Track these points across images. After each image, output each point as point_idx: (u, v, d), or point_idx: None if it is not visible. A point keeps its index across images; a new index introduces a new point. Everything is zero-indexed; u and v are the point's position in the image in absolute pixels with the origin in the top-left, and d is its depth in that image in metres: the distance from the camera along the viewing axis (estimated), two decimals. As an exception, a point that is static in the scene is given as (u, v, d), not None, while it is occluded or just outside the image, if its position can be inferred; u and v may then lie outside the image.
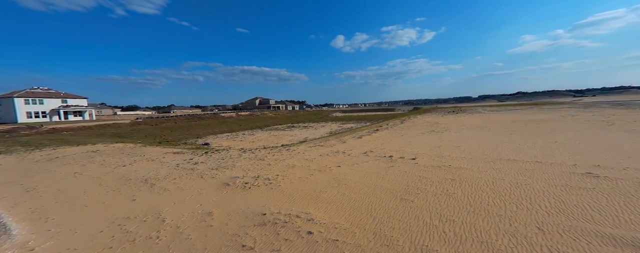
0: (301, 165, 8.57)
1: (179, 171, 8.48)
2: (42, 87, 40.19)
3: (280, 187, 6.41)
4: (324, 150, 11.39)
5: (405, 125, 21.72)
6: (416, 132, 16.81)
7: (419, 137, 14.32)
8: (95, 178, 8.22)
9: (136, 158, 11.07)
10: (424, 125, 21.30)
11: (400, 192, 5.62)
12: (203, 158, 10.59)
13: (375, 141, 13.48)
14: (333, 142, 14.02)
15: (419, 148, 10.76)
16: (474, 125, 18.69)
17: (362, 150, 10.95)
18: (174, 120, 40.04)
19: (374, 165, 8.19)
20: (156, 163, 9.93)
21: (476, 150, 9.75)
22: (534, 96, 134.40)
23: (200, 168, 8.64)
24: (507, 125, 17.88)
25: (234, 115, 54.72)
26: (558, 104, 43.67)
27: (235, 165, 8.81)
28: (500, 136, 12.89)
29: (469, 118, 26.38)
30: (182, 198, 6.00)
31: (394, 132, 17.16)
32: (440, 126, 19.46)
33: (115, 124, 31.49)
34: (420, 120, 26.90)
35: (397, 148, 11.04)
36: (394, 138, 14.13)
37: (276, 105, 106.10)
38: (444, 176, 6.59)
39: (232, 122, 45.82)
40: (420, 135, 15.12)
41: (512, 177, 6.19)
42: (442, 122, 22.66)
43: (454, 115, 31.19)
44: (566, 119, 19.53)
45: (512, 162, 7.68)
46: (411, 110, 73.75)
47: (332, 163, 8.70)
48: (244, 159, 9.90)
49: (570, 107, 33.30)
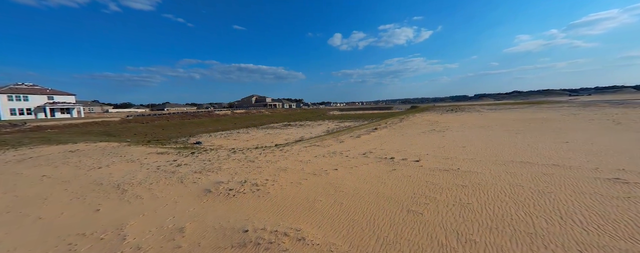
0: (294, 167, 7.79)
1: (158, 174, 7.63)
2: (27, 83, 38.54)
3: (269, 194, 5.63)
4: (319, 150, 10.62)
5: (404, 124, 21.04)
6: (417, 131, 16.12)
7: (420, 136, 13.62)
8: (64, 182, 7.34)
9: (115, 159, 10.18)
10: (424, 123, 20.64)
11: (406, 202, 4.87)
12: (188, 159, 9.74)
13: (375, 141, 12.75)
14: (330, 141, 13.26)
15: (422, 148, 10.04)
16: (475, 124, 18.07)
17: (361, 150, 10.20)
18: (166, 118, 38.89)
19: (374, 168, 7.44)
20: (136, 165, 9.06)
21: (483, 151, 9.06)
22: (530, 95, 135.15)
23: (183, 172, 7.80)
24: (510, 124, 17.29)
25: (229, 113, 53.65)
26: (556, 103, 43.45)
27: (221, 168, 7.99)
28: (505, 136, 12.25)
29: (468, 117, 25.81)
30: (154, 208, 5.18)
31: (394, 131, 16.45)
32: (441, 125, 18.81)
33: (104, 122, 30.34)
34: (420, 118, 26.26)
35: (398, 148, 10.31)
36: (394, 138, 13.41)
37: (273, 103, 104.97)
38: (454, 181, 5.86)
39: (227, 120, 44.80)
40: (421, 134, 14.42)
41: (532, 183, 5.49)
42: (442, 121, 22.03)
43: (452, 114, 30.63)
44: (568, 118, 19.02)
45: (526, 165, 6.99)
46: (409, 109, 73.31)
47: (329, 165, 7.93)
48: (233, 161, 9.08)
49: (569, 106, 32.97)
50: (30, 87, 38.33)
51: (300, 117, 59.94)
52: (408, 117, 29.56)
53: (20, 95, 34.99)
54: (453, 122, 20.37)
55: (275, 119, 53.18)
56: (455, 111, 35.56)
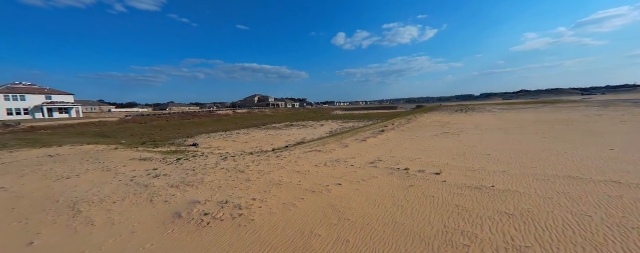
0: (290, 181, 6.51)
1: (128, 189, 6.43)
2: (24, 82, 37.95)
3: (253, 222, 4.37)
4: (321, 157, 9.33)
5: (413, 125, 19.63)
6: (428, 133, 14.72)
7: (433, 140, 12.23)
8: (17, 197, 6.19)
9: (90, 167, 9.03)
10: (434, 125, 19.20)
11: (435, 240, 3.56)
12: (170, 168, 8.53)
13: (383, 145, 11.41)
14: (333, 145, 11.96)
15: (439, 156, 8.68)
16: (491, 126, 16.59)
17: (368, 157, 8.89)
18: (166, 118, 38.01)
19: (385, 182, 6.12)
20: (109, 175, 7.88)
21: (513, 160, 7.67)
22: (539, 94, 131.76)
23: (157, 185, 6.59)
24: (530, 126, 15.77)
25: (231, 112, 52.68)
26: (571, 102, 41.44)
27: (203, 181, 6.76)
28: (532, 140, 10.80)
29: (480, 117, 24.26)
30: (101, 241, 3.95)
31: (403, 134, 15.07)
32: (453, 126, 17.36)
33: (100, 122, 29.50)
34: (428, 119, 24.79)
35: (411, 155, 8.96)
36: (403, 142, 12.05)
37: (275, 103, 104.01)
38: (494, 206, 4.52)
39: (227, 120, 43.80)
40: (433, 137, 13.03)
41: (602, 212, 4.12)
42: (453, 122, 20.55)
43: (463, 114, 29.06)
44: (594, 119, 17.40)
45: (577, 181, 5.60)
46: (414, 109, 71.54)
47: (330, 178, 6.64)
48: (220, 171, 7.84)
49: (588, 106, 31.08)
50: (28, 86, 37.74)
51: (303, 116, 58.75)
52: (415, 117, 28.08)
53: (17, 95, 34.31)
54: (466, 124, 18.89)
55: (278, 118, 52.08)
56: (464, 111, 33.94)
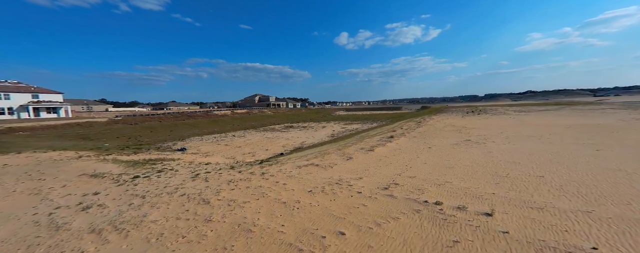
0: (268, 225, 4.38)
1: (26, 231, 4.36)
2: (10, 80, 36.23)
3: None
4: (318, 175, 7.21)
5: (425, 130, 17.41)
6: (445, 141, 12.52)
7: (456, 151, 10.04)
8: None
9: (20, 188, 6.99)
10: (449, 130, 16.97)
11: None
12: (117, 191, 6.45)
13: (395, 158, 9.25)
14: (333, 157, 9.82)
15: (475, 177, 6.50)
16: (519, 133, 14.32)
17: (379, 178, 6.75)
18: (159, 119, 36.14)
19: (413, 232, 3.98)
20: (28, 204, 5.82)
21: (585, 188, 5.47)
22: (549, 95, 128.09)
23: (74, 228, 4.50)
24: (565, 133, 13.49)
25: (229, 113, 50.71)
26: (590, 105, 38.85)
27: (143, 222, 4.65)
28: (583, 154, 8.56)
29: (499, 121, 21.95)
30: None
31: (416, 141, 12.87)
32: (473, 132, 15.12)
33: (87, 123, 27.65)
34: (440, 122, 22.53)
35: (436, 175, 6.80)
36: (420, 153, 9.87)
37: (276, 103, 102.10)
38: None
39: (224, 121, 41.87)
40: (455, 147, 10.83)
41: None
42: (470, 126, 18.30)
43: (476, 117, 26.75)
44: (636, 125, 15.06)
45: None
46: (419, 110, 69.11)
47: (329, 218, 4.51)
48: (178, 199, 5.74)
49: (614, 109, 28.56)
50: (14, 84, 35.89)
51: (304, 117, 56.72)
52: (425, 119, 25.82)
53: (1, 94, 32.57)
54: (486, 129, 16.63)
55: (278, 119, 50.11)
56: (477, 113, 31.61)
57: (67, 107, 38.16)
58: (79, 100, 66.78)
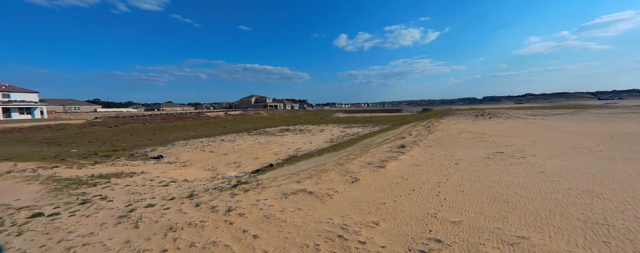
0: None
1: None
2: (-21, 78, 33.54)
3: None
4: (309, 215, 4.76)
5: (437, 137, 15.01)
6: (471, 153, 10.11)
7: (492, 168, 7.61)
8: None
9: None
10: (467, 137, 14.59)
11: None
12: None
13: (416, 180, 6.80)
14: (333, 176, 7.36)
15: (555, 227, 4.08)
16: (554, 142, 11.96)
17: (406, 226, 4.31)
18: (143, 121, 33.48)
19: None
20: None
21: None
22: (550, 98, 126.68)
23: None
24: (614, 143, 11.16)
25: (222, 114, 48.11)
26: (605, 108, 36.74)
27: None
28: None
29: (518, 126, 19.64)
30: None
31: (434, 153, 10.43)
32: (496, 140, 12.73)
33: (60, 126, 24.97)
34: (451, 127, 20.16)
35: (491, 222, 4.37)
36: (448, 173, 7.43)
37: (273, 104, 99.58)
38: None
39: (216, 124, 39.29)
40: (487, 162, 8.41)
41: None
42: (490, 133, 15.95)
43: (488, 121, 24.45)
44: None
45: None
46: (421, 112, 66.89)
47: None
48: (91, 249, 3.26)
49: (635, 113, 26.39)
50: (-16, 82, 33.23)
51: (302, 119, 54.29)
52: (434, 124, 23.44)
53: (-33, 93, 29.74)
54: (510, 136, 14.27)
55: (274, 121, 47.64)
56: (486, 117, 29.33)
57: (43, 108, 35.25)
58: (64, 100, 63.72)
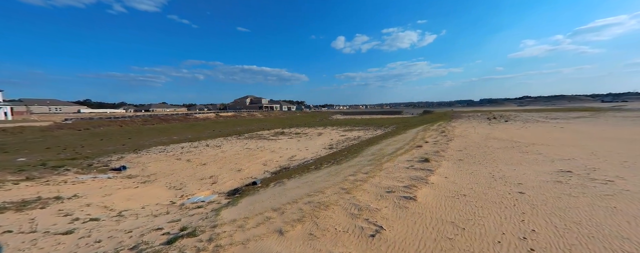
0: None
1: None
2: None
3: None
4: None
5: (461, 146, 12.23)
6: (521, 169, 7.31)
7: (580, 203, 4.81)
8: None
9: None
10: (499, 146, 11.84)
11: None
12: None
13: (479, 230, 3.95)
14: (336, 215, 4.48)
15: None
16: (616, 153, 9.24)
17: None
18: (120, 123, 30.29)
19: None
20: None
21: None
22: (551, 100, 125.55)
23: None
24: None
25: (213, 116, 45.00)
26: (621, 111, 34.49)
27: None
28: None
29: (545, 131, 16.97)
30: None
31: (474, 172, 7.60)
32: (539, 150, 9.99)
33: (18, 128, 21.75)
34: (471, 133, 17.44)
35: None
36: (521, 211, 4.60)
37: (269, 105, 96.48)
38: None
39: (204, 126, 36.22)
40: (561, 188, 5.62)
41: None
42: (522, 140, 13.22)
43: (507, 124, 21.84)
44: None
45: None
46: (422, 114, 64.38)
47: None
48: None
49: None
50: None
51: (299, 121, 51.39)
52: (446, 128, 20.70)
53: None
54: (551, 146, 11.54)
55: (268, 124, 44.65)
56: (503, 120, 26.75)
57: (7, 109, 31.83)
58: (42, 101, 59.88)
